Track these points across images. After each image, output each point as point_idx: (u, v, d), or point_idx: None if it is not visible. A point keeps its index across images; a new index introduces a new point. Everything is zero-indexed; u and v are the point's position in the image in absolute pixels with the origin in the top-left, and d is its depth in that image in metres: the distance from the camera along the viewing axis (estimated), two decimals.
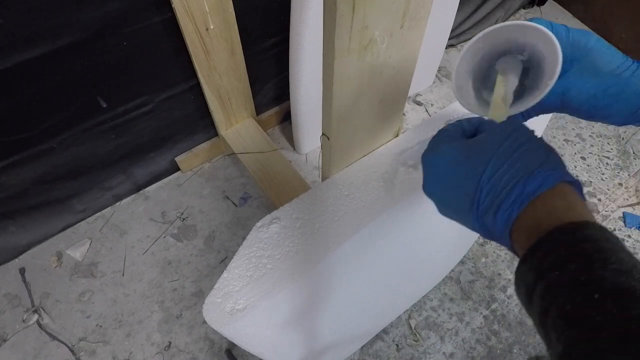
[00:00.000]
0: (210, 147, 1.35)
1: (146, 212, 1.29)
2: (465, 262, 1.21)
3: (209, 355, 1.07)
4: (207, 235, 1.25)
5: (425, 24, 0.50)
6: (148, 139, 1.20)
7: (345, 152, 0.60)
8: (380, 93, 0.54)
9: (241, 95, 1.23)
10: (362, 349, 1.07)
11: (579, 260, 0.27)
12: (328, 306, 0.64)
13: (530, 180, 0.30)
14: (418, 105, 1.56)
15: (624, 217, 1.29)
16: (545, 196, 0.30)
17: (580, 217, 0.29)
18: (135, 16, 0.90)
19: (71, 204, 1.20)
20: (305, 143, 1.37)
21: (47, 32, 0.82)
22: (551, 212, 0.29)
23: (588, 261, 0.26)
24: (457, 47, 1.72)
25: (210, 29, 0.98)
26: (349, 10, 0.40)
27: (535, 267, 0.28)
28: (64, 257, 1.21)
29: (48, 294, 1.16)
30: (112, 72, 0.97)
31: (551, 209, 0.29)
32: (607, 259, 0.26)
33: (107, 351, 1.08)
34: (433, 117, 0.69)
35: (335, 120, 0.52)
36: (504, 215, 0.31)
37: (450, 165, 0.35)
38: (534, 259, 0.29)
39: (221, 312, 0.50)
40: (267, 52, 1.22)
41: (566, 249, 0.27)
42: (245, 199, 1.31)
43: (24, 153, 1.00)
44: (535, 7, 1.85)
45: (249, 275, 0.52)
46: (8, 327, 1.11)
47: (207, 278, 1.17)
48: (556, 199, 0.30)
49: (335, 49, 0.43)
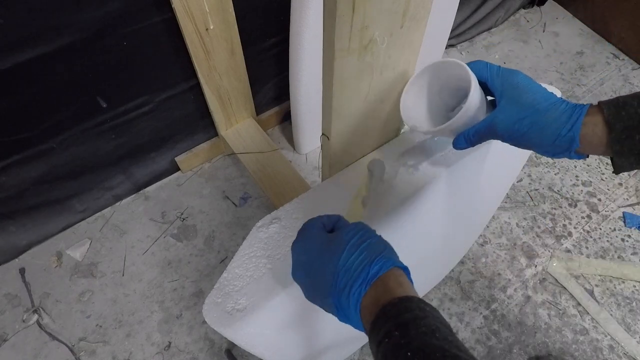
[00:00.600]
0: (210, 147, 1.35)
1: (146, 212, 1.29)
2: (465, 262, 1.21)
3: (209, 355, 1.07)
4: (207, 235, 1.25)
5: (425, 24, 0.50)
6: (148, 139, 1.19)
7: (345, 152, 0.60)
8: (380, 93, 0.54)
9: (241, 95, 1.23)
10: (362, 349, 1.07)
11: (400, 328, 0.35)
12: None
13: (372, 266, 0.39)
14: None
15: (624, 217, 1.29)
16: (382, 278, 0.39)
17: (404, 293, 0.38)
18: (135, 16, 0.90)
19: (71, 204, 1.20)
20: (305, 143, 1.37)
21: (47, 32, 0.82)
22: (386, 290, 0.38)
23: (405, 328, 0.35)
24: (457, 47, 1.72)
25: (210, 29, 0.98)
26: (349, 10, 0.40)
27: (375, 339, 0.36)
28: (64, 257, 1.21)
29: (48, 294, 1.16)
30: (112, 72, 0.97)
31: (386, 288, 0.38)
32: (418, 326, 0.35)
33: (107, 351, 1.08)
34: None
35: (335, 120, 0.52)
36: (355, 294, 0.39)
37: (314, 254, 0.43)
38: (374, 333, 0.37)
39: (221, 312, 0.50)
40: (267, 52, 1.22)
41: (393, 320, 0.36)
42: (245, 199, 1.31)
43: (24, 153, 1.00)
44: (535, 7, 1.85)
45: (249, 275, 0.52)
46: (8, 327, 1.11)
47: (207, 278, 1.17)
48: (390, 280, 0.39)
49: (335, 49, 0.43)
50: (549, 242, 1.25)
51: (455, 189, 0.71)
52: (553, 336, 1.10)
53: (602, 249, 1.23)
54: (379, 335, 0.36)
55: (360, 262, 0.40)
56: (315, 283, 0.43)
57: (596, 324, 1.11)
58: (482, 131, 0.51)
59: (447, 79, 0.54)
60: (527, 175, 1.38)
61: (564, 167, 1.40)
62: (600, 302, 1.14)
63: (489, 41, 1.75)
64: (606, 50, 1.71)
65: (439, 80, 0.55)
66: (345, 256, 0.41)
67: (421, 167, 0.63)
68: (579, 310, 1.13)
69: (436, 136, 0.64)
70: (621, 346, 1.08)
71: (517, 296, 1.16)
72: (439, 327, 0.35)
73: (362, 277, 0.39)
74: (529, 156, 1.29)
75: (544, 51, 1.71)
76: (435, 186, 0.63)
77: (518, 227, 1.27)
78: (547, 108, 0.46)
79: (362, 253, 0.41)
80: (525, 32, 1.78)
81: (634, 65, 1.66)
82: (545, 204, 1.32)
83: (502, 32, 1.78)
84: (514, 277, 1.19)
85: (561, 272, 1.19)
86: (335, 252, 0.41)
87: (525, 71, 1.64)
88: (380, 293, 0.38)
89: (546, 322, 1.12)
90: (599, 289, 1.17)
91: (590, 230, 1.27)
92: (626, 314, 1.13)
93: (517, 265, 1.21)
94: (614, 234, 1.26)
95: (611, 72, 1.65)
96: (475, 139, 0.52)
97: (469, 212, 0.91)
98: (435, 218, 0.75)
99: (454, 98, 0.57)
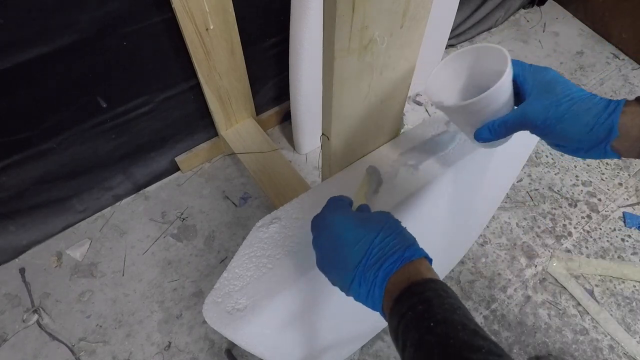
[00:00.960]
0: (210, 147, 1.35)
1: (146, 212, 1.29)
2: (465, 262, 1.21)
3: (209, 355, 1.07)
4: (207, 235, 1.25)
5: (425, 24, 0.50)
6: (148, 139, 1.20)
7: (345, 152, 0.60)
8: (380, 93, 0.54)
9: (241, 95, 1.23)
10: (362, 348, 1.07)
11: (425, 303, 0.38)
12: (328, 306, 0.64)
13: (408, 251, 0.42)
14: (418, 105, 1.56)
15: (624, 217, 1.29)
16: (414, 262, 0.42)
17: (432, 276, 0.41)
18: (135, 16, 0.90)
19: (71, 204, 1.20)
20: (305, 143, 1.37)
21: (47, 32, 0.82)
22: (416, 272, 0.41)
23: (430, 303, 0.38)
24: (457, 47, 1.72)
25: (210, 29, 0.98)
26: (349, 10, 0.40)
27: (398, 313, 0.39)
28: (64, 257, 1.21)
29: (48, 294, 1.16)
30: (112, 72, 0.97)
31: (417, 270, 0.41)
32: (441, 303, 0.38)
33: (107, 351, 1.08)
34: (433, 117, 0.69)
35: (335, 120, 0.52)
36: (386, 269, 0.41)
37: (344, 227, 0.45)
38: (397, 307, 0.40)
39: (221, 312, 0.49)
40: (267, 52, 1.22)
41: (418, 296, 0.39)
42: (245, 199, 1.31)
43: (24, 153, 1.00)
44: (536, 7, 1.85)
45: (249, 275, 0.52)
46: (8, 327, 1.11)
47: (207, 278, 1.17)
48: (419, 265, 0.42)
49: (335, 49, 0.43)
50: (549, 242, 1.25)
51: (456, 189, 0.71)
52: (553, 336, 1.10)
53: (602, 249, 1.23)
54: (403, 309, 0.39)
55: (395, 244, 0.43)
56: (339, 254, 0.44)
57: (596, 324, 1.11)
58: (511, 121, 0.49)
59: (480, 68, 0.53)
60: (527, 175, 1.38)
61: (564, 167, 1.40)
62: (600, 302, 1.14)
63: (489, 41, 1.75)
64: (606, 50, 1.71)
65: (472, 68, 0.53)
66: (382, 236, 0.43)
67: (421, 166, 0.63)
68: (579, 310, 1.13)
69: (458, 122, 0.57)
70: (621, 346, 1.08)
71: (517, 296, 1.16)
72: (460, 306, 0.39)
73: (395, 257, 0.42)
74: (529, 156, 1.29)
75: (544, 51, 1.71)
76: (436, 186, 0.63)
77: (518, 227, 1.27)
78: (582, 98, 0.45)
79: (396, 237, 0.43)
80: (525, 32, 1.78)
81: (634, 65, 1.66)
82: (545, 204, 1.32)
83: (502, 32, 1.78)
84: (514, 277, 1.19)
85: (561, 272, 1.19)
86: (372, 230, 0.43)
87: None
88: (411, 273, 0.41)
89: (546, 322, 1.12)
90: (599, 289, 1.17)
91: (590, 230, 1.27)
92: (626, 314, 1.13)
93: (517, 265, 1.21)
94: (614, 234, 1.26)
95: (611, 72, 1.65)
96: (500, 130, 0.50)
97: (469, 212, 0.91)
98: (435, 218, 0.75)
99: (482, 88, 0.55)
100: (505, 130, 0.50)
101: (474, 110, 0.50)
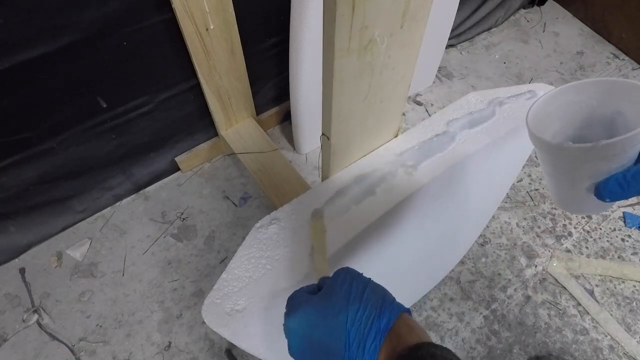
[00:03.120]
0: (210, 147, 1.35)
1: (146, 212, 1.29)
2: (465, 262, 1.21)
3: (209, 355, 1.07)
4: (207, 235, 1.25)
5: (425, 24, 0.50)
6: (148, 139, 1.19)
7: (345, 152, 0.60)
8: (380, 93, 0.54)
9: (241, 95, 1.23)
10: None
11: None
12: None
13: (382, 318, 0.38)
14: (418, 105, 1.56)
15: (624, 217, 1.29)
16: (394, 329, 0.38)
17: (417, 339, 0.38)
18: (135, 16, 0.90)
19: (71, 204, 1.20)
20: (305, 143, 1.37)
21: (47, 32, 0.82)
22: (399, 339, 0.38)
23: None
24: (457, 47, 1.72)
25: (210, 29, 0.98)
26: (348, 10, 0.40)
27: None
28: (64, 257, 1.21)
29: (48, 294, 1.16)
30: (112, 72, 0.97)
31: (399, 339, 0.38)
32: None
33: (107, 351, 1.08)
34: (433, 117, 0.69)
35: (335, 120, 0.52)
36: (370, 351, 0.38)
37: (313, 320, 0.40)
38: None
39: (220, 313, 0.49)
40: (267, 52, 1.21)
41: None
42: (245, 199, 1.31)
43: (24, 153, 1.00)
44: (535, 7, 1.85)
45: (248, 276, 0.52)
46: (8, 327, 1.11)
47: (207, 278, 1.17)
48: (401, 329, 0.39)
49: (335, 49, 0.43)
50: (549, 242, 1.25)
51: (455, 189, 0.71)
52: (553, 336, 1.10)
53: (602, 249, 1.23)
54: None
55: (368, 316, 0.39)
56: (322, 350, 0.40)
57: (596, 324, 1.11)
58: None
59: (602, 108, 0.43)
60: (527, 175, 1.38)
61: None
62: (600, 302, 1.14)
63: (489, 41, 1.75)
64: (606, 50, 1.71)
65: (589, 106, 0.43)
66: (351, 313, 0.39)
67: (420, 167, 0.63)
68: (579, 310, 1.13)
69: (565, 169, 0.43)
70: (621, 346, 1.08)
71: (517, 296, 1.16)
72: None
73: (374, 332, 0.38)
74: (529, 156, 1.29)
75: (544, 51, 1.71)
76: (435, 186, 0.63)
77: (518, 227, 1.27)
78: None
79: (367, 306, 0.39)
80: (525, 32, 1.78)
81: (634, 65, 1.66)
82: (545, 204, 1.32)
83: (502, 32, 1.78)
84: (514, 277, 1.19)
85: (561, 272, 1.19)
86: (340, 311, 0.39)
87: (526, 71, 1.64)
88: (395, 344, 0.38)
89: (546, 322, 1.12)
90: (599, 289, 1.17)
91: (591, 230, 1.27)
92: (626, 314, 1.13)
93: (517, 265, 1.21)
94: (614, 234, 1.26)
95: (611, 72, 1.65)
96: (636, 185, 0.39)
97: (469, 212, 0.91)
98: (434, 218, 0.75)
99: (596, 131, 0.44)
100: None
101: (607, 155, 0.38)
